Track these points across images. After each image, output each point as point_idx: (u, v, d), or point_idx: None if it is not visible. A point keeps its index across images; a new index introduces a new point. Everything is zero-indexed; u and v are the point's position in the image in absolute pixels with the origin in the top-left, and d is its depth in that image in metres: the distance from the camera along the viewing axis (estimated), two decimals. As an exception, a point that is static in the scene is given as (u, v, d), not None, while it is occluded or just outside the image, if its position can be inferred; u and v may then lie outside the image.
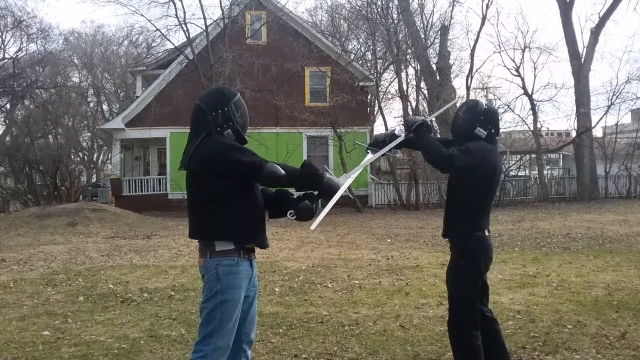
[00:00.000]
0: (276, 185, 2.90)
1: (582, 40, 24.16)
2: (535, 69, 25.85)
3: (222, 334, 2.77)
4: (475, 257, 3.29)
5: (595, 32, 23.90)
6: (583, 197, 22.78)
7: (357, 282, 6.94)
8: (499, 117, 3.44)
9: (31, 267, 8.60)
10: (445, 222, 3.49)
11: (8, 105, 33.75)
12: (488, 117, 3.30)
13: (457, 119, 3.42)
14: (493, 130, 3.33)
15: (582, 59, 23.79)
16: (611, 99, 25.03)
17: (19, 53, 32.73)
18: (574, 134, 25.15)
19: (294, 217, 2.89)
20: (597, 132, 27.84)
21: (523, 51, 24.54)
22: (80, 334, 4.87)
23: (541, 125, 25.33)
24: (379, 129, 30.72)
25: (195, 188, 2.86)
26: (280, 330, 4.87)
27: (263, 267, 8.01)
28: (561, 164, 33.99)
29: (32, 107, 31.35)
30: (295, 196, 2.94)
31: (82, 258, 9.45)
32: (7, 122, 32.61)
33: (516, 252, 9.29)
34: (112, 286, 6.96)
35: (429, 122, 3.33)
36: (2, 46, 32.91)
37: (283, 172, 2.76)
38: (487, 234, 3.35)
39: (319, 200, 2.92)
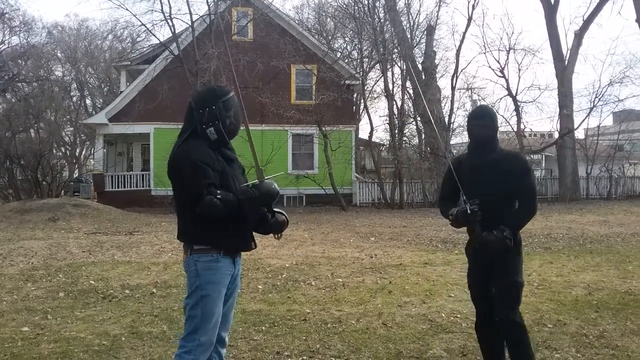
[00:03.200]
0: (215, 217, 2.77)
1: (566, 42, 24.48)
2: (519, 70, 26.06)
3: (204, 330, 2.80)
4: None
5: (579, 35, 24.18)
6: (565, 197, 23.05)
7: (340, 280, 6.95)
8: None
9: (11, 262, 8.48)
10: None
11: (-11, 99, 33.27)
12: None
13: (478, 127, 3.40)
14: None
15: (566, 61, 24.05)
16: (593, 101, 25.35)
17: (1, 46, 32.24)
18: (556, 135, 25.42)
19: (278, 236, 3.04)
20: (579, 134, 28.19)
21: (508, 52, 24.71)
22: (60, 330, 4.82)
23: (524, 126, 25.58)
24: (364, 127, 30.80)
25: (173, 189, 2.91)
26: (263, 327, 4.86)
27: (246, 265, 7.98)
28: (544, 164, 34.34)
29: (13, 100, 30.91)
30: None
31: (63, 254, 9.34)
32: (-12, 115, 32.10)
33: (498, 252, 9.35)
34: (93, 282, 6.89)
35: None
36: (-16, 39, 32.41)
37: (221, 209, 2.69)
38: None
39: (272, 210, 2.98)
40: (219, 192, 2.73)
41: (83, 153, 41.97)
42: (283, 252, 9.41)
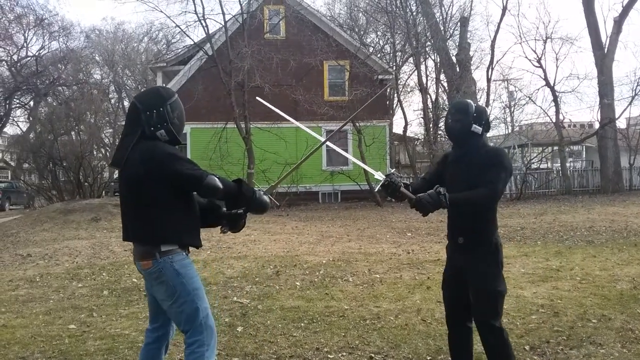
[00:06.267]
0: (212, 197, 2.94)
1: (605, 29, 23.68)
2: (557, 59, 25.47)
3: (207, 317, 2.91)
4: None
5: (619, 22, 23.45)
6: (607, 189, 22.43)
7: (378, 276, 6.94)
8: (489, 114, 3.45)
9: (56, 261, 8.75)
10: None
11: (32, 103, 34.35)
12: (479, 114, 3.30)
13: (450, 121, 3.36)
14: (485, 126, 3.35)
15: (605, 49, 23.36)
16: (635, 90, 24.56)
17: (41, 51, 33.31)
18: (597, 125, 24.73)
19: (226, 231, 3.16)
20: (621, 124, 27.30)
21: (545, 42, 24.14)
22: (105, 327, 4.95)
23: (563, 117, 24.98)
24: (398, 122, 30.55)
25: (134, 191, 2.84)
26: (302, 324, 4.89)
27: (284, 262, 8.05)
28: (584, 156, 33.49)
29: (55, 104, 31.83)
30: (227, 212, 3.10)
31: (106, 253, 9.59)
32: (31, 119, 33.19)
33: (539, 246, 9.20)
34: (135, 280, 7.05)
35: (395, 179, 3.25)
36: (25, 44, 33.48)
37: (221, 185, 2.81)
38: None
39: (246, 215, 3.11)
40: (216, 174, 2.87)
41: (122, 154, 42.85)
42: (320, 248, 9.44)
